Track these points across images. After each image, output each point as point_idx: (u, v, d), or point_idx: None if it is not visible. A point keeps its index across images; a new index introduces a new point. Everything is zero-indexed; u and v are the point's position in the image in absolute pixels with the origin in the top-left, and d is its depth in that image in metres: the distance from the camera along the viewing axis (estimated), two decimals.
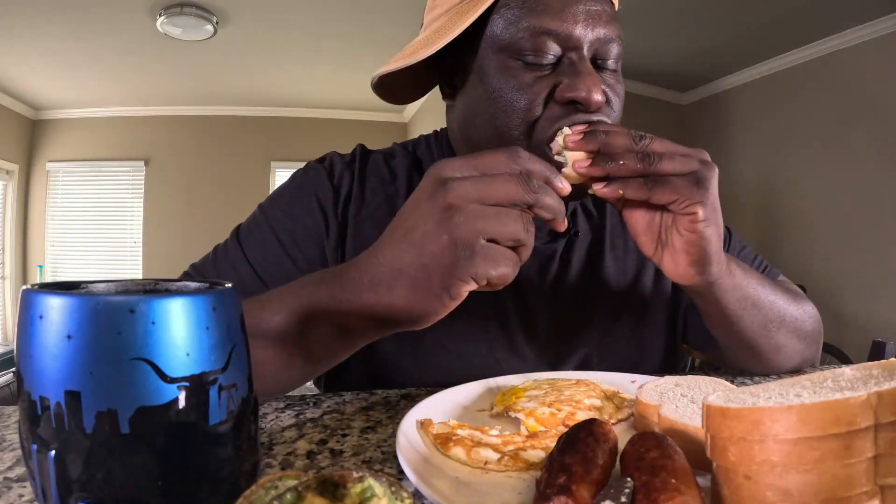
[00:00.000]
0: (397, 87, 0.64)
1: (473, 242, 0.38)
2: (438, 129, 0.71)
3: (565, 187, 0.41)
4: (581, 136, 0.46)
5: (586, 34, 0.53)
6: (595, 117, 0.54)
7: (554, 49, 0.53)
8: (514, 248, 0.40)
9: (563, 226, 0.41)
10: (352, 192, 0.64)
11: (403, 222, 0.41)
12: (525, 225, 0.39)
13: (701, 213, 0.45)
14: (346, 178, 0.65)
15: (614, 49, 0.56)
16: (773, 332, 0.59)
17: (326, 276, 0.46)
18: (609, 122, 0.55)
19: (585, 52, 0.53)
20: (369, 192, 0.65)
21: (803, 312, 0.63)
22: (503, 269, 0.38)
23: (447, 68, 0.62)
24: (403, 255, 0.40)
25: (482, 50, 0.57)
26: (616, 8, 0.59)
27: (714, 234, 0.47)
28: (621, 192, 0.45)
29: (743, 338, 0.58)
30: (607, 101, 0.56)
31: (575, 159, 0.46)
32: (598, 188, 0.46)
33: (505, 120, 0.55)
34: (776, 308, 0.59)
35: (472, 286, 0.39)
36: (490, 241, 0.38)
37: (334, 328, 0.44)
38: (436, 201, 0.39)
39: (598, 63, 0.56)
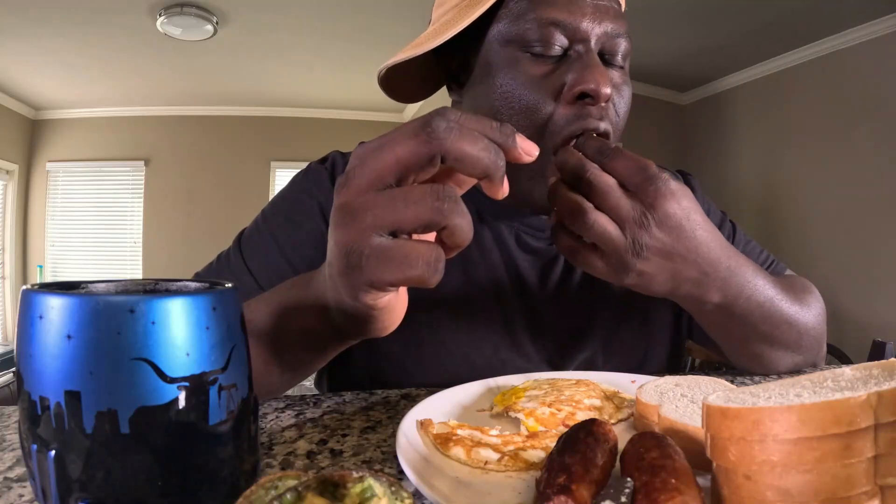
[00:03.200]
0: (404, 82, 0.64)
1: (360, 244, 0.32)
2: None
3: (525, 146, 0.33)
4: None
5: (594, 27, 0.52)
6: (602, 125, 0.53)
7: (561, 40, 0.52)
8: (441, 236, 0.32)
9: (494, 189, 0.33)
10: None
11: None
12: (434, 200, 0.30)
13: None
14: None
15: (622, 45, 0.55)
16: (778, 343, 0.57)
17: (297, 281, 0.45)
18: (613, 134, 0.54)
19: (593, 45, 0.53)
20: None
21: (811, 318, 0.60)
22: (408, 272, 0.31)
23: (454, 63, 0.62)
24: (329, 266, 0.37)
25: (489, 44, 0.56)
26: (623, 8, 0.59)
27: (659, 286, 0.47)
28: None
29: (746, 348, 0.58)
30: (613, 99, 0.55)
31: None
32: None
33: (512, 117, 0.54)
34: (783, 321, 0.57)
35: (382, 293, 0.34)
36: (393, 234, 0.32)
37: (300, 333, 0.44)
38: (336, 202, 0.33)
39: (605, 58, 0.55)
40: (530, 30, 0.52)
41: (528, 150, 0.34)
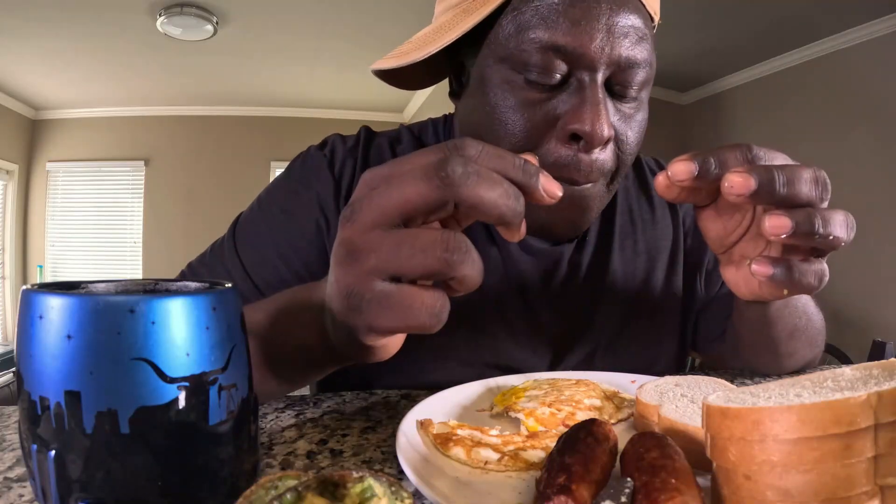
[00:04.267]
0: (404, 72, 0.60)
1: (362, 288, 0.30)
2: (448, 114, 0.67)
3: (549, 188, 0.31)
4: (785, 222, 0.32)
5: (602, 55, 0.46)
6: (598, 155, 0.48)
7: (561, 68, 0.47)
8: (447, 283, 0.30)
9: (511, 234, 0.32)
10: (353, 182, 0.60)
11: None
12: (442, 251, 0.28)
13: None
14: (349, 166, 0.61)
15: (639, 75, 0.48)
16: (795, 339, 0.57)
17: (297, 294, 0.43)
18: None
19: (600, 74, 0.47)
20: None
21: (820, 316, 0.60)
22: (410, 321, 0.29)
23: (455, 65, 0.58)
24: (329, 289, 0.34)
25: (484, 55, 0.51)
26: (655, 22, 0.52)
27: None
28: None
29: (769, 343, 0.56)
30: (619, 135, 0.50)
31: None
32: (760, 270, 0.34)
33: (506, 141, 0.50)
34: (811, 314, 0.57)
35: (381, 336, 0.33)
36: (396, 279, 0.30)
37: (297, 349, 0.42)
38: (339, 232, 0.31)
39: (615, 89, 0.49)
40: (528, 53, 0.47)
41: (551, 191, 0.31)
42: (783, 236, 0.31)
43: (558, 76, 0.47)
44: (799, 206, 0.32)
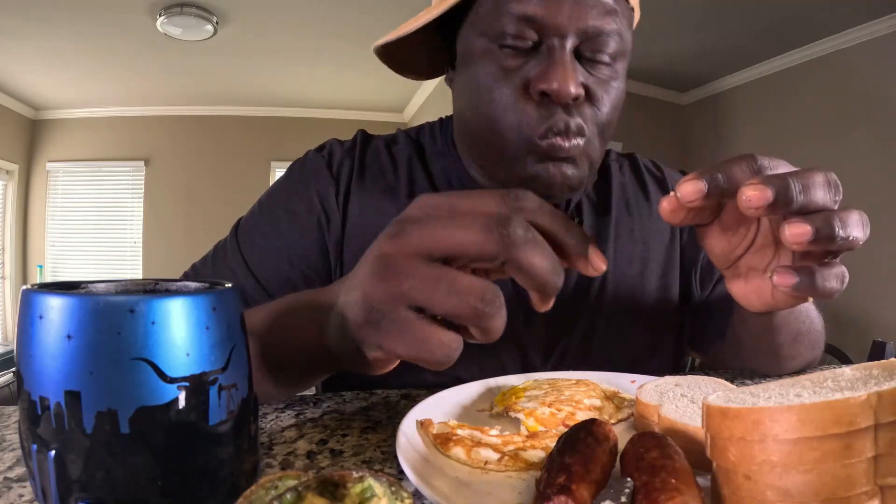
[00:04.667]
0: (404, 55, 0.63)
1: (387, 308, 0.30)
2: (444, 117, 0.70)
3: (595, 261, 0.32)
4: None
5: (570, 23, 0.50)
6: (573, 122, 0.51)
7: (533, 36, 0.51)
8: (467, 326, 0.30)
9: (544, 305, 0.33)
10: (351, 182, 0.63)
11: (365, 256, 0.34)
12: (476, 301, 0.29)
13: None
14: (346, 167, 0.64)
15: (609, 45, 0.52)
16: (799, 343, 0.57)
17: (301, 298, 0.43)
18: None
19: (568, 41, 0.50)
20: (370, 181, 0.64)
21: (820, 318, 0.61)
22: (423, 354, 0.29)
23: (451, 52, 0.61)
24: (347, 294, 0.35)
25: (467, 32, 0.56)
26: (635, 10, 0.56)
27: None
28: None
29: (773, 348, 0.57)
30: (590, 96, 0.52)
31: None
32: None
33: (488, 109, 0.54)
34: (813, 317, 0.57)
35: (386, 357, 0.33)
36: (420, 309, 0.30)
37: (297, 352, 0.42)
38: (381, 244, 0.32)
39: (585, 55, 0.52)
40: (503, 23, 0.51)
41: (596, 265, 0.32)
42: (804, 242, 0.31)
43: (530, 43, 0.51)
44: (815, 212, 0.32)
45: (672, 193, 0.33)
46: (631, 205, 0.71)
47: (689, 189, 0.32)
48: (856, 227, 0.32)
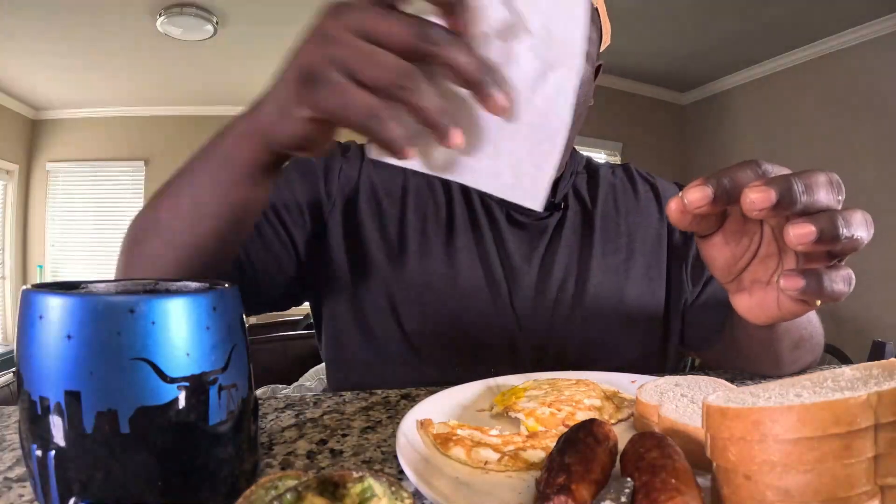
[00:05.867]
0: None
1: (322, 69, 0.32)
2: None
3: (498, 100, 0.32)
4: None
5: None
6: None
7: None
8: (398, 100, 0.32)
9: (490, 102, 0.32)
10: (342, 170, 0.69)
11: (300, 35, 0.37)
12: (402, 74, 0.30)
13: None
14: (338, 156, 0.70)
15: None
16: (800, 348, 0.58)
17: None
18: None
19: None
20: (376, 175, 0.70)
21: (819, 323, 0.61)
22: (351, 113, 0.31)
23: None
24: (281, 73, 0.38)
25: None
26: (603, 26, 0.59)
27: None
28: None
29: (775, 355, 0.58)
30: None
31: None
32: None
33: None
34: (811, 324, 0.58)
35: (312, 118, 0.35)
36: (354, 78, 0.32)
37: (221, 160, 0.45)
38: (319, 20, 0.34)
39: None
40: None
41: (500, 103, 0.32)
42: (809, 243, 0.30)
43: None
44: (818, 212, 0.31)
45: (679, 196, 0.33)
46: (619, 200, 0.74)
47: (696, 195, 0.32)
48: (860, 227, 0.32)
